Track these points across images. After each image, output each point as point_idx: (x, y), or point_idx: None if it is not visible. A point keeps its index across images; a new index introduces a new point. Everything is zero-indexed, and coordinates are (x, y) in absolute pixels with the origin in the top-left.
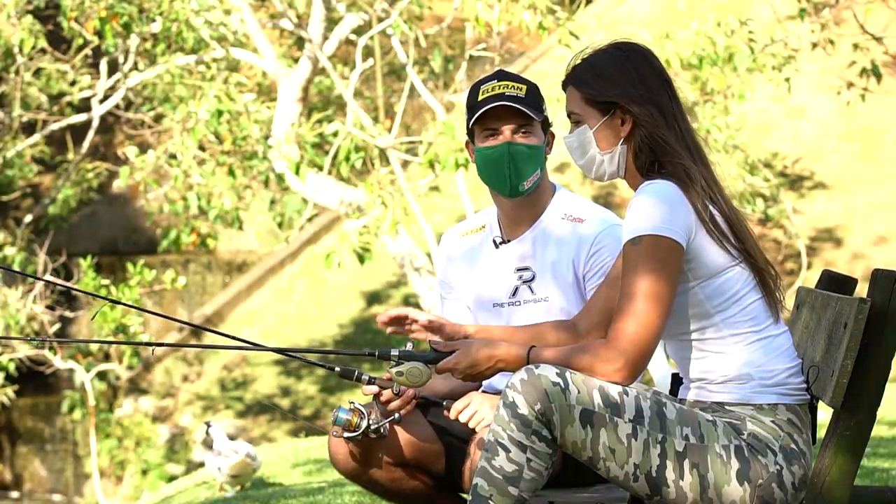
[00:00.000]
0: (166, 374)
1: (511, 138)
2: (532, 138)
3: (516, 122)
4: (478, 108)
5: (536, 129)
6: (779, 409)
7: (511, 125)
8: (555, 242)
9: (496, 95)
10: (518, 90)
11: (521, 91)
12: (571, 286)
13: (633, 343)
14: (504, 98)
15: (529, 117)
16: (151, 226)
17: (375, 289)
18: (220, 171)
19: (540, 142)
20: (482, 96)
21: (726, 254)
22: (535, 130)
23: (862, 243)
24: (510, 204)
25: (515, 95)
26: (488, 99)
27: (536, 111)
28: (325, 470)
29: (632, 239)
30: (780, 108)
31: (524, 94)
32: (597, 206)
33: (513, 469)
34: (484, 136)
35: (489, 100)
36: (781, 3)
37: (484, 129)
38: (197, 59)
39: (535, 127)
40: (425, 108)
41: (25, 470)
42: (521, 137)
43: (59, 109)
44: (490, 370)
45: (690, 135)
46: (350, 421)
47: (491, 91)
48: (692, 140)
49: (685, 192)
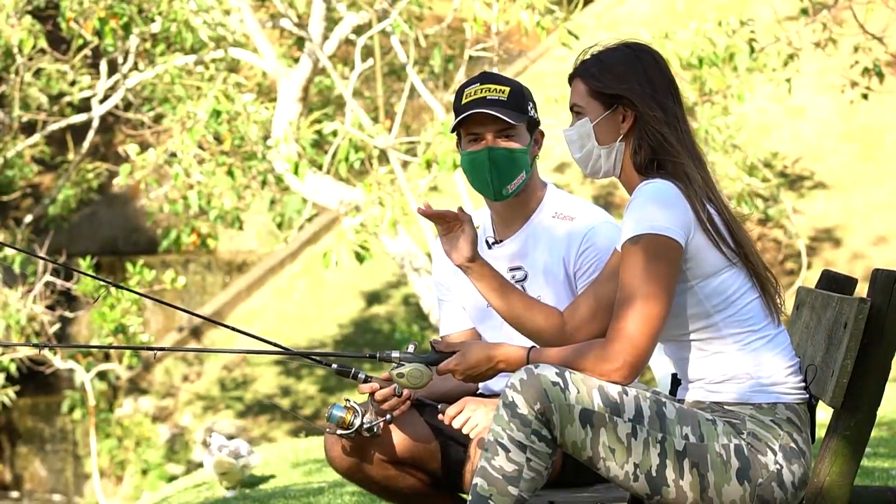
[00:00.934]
0: (166, 374)
1: (493, 142)
2: (514, 142)
3: (498, 126)
4: (460, 112)
5: (520, 131)
6: (778, 408)
7: (492, 130)
8: (546, 241)
9: (477, 100)
10: (500, 93)
11: (503, 94)
12: (563, 285)
13: (632, 343)
14: (485, 103)
15: (510, 122)
16: (152, 226)
17: (375, 289)
18: (220, 171)
19: (524, 144)
20: (465, 100)
21: (724, 254)
22: (517, 133)
23: (862, 243)
24: (500, 205)
25: (497, 99)
26: (470, 104)
27: (518, 114)
28: (325, 470)
29: (631, 238)
30: (780, 108)
31: (507, 97)
32: (588, 204)
33: (512, 469)
34: (467, 140)
35: (470, 105)
36: (781, 3)
37: (467, 134)
38: (196, 59)
39: (518, 129)
40: (425, 109)
41: (25, 470)
42: (502, 141)
43: (59, 109)
44: (491, 371)
45: (690, 137)
46: (344, 419)
47: (473, 95)
48: (692, 142)
49: (684, 191)
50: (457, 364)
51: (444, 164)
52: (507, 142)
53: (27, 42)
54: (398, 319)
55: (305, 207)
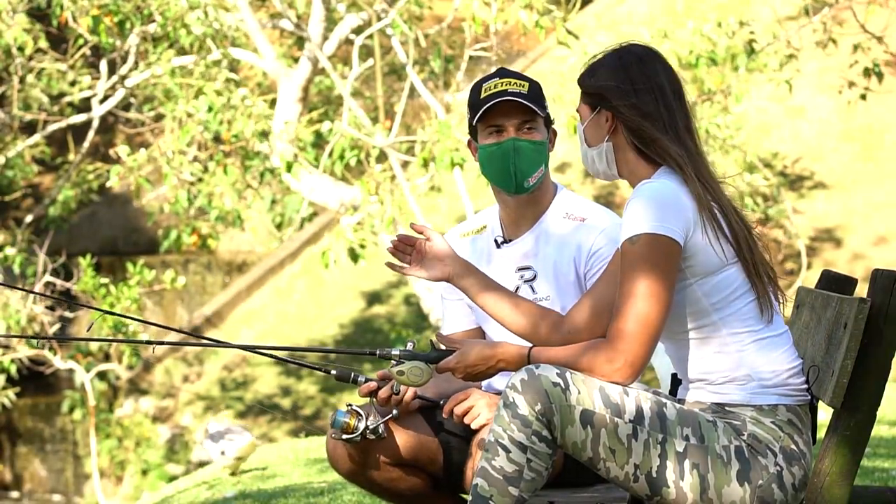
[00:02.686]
0: (166, 374)
1: (515, 134)
2: (536, 134)
3: (520, 118)
4: (481, 105)
5: (540, 125)
6: (779, 409)
7: (515, 121)
8: (556, 242)
9: (499, 92)
10: (521, 87)
11: (523, 88)
12: (573, 285)
13: (632, 343)
14: (507, 94)
15: (533, 112)
16: (152, 226)
17: (375, 289)
18: (220, 170)
19: (543, 138)
20: (485, 94)
21: (724, 252)
22: (538, 127)
23: (862, 243)
24: (513, 202)
25: (518, 92)
26: (492, 96)
27: (539, 107)
28: (325, 470)
29: (629, 238)
30: (780, 107)
31: (527, 91)
32: (598, 206)
33: (513, 469)
34: (487, 133)
35: (492, 97)
36: (782, 2)
37: (488, 126)
38: (196, 59)
39: (539, 123)
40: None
41: (25, 470)
42: (525, 134)
43: (59, 109)
44: (491, 370)
45: (690, 135)
46: (348, 423)
47: (494, 88)
48: (692, 141)
49: (683, 190)
50: (457, 362)
51: (442, 161)
52: (529, 134)
53: (28, 42)
54: (398, 319)
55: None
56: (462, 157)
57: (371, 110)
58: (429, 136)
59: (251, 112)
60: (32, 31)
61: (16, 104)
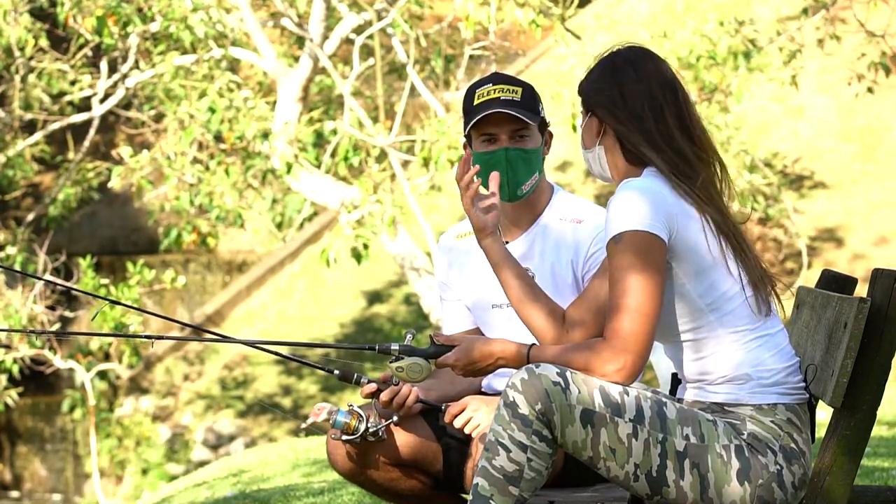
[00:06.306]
0: (167, 373)
1: (508, 143)
2: (528, 142)
3: (512, 126)
4: (474, 113)
5: (533, 131)
6: (778, 408)
7: (507, 130)
8: (553, 243)
9: (491, 101)
10: (513, 94)
11: (516, 94)
12: (570, 287)
13: (629, 341)
14: (499, 103)
15: (526, 122)
16: (152, 225)
17: (375, 289)
18: (220, 170)
19: (536, 145)
20: (478, 101)
21: (715, 251)
22: (531, 134)
23: (862, 243)
24: (509, 206)
25: (511, 100)
26: (483, 104)
27: (532, 114)
28: (325, 470)
29: (613, 237)
30: (779, 107)
31: (520, 97)
32: (596, 207)
33: (513, 469)
34: (480, 141)
35: (484, 105)
36: (782, 2)
37: (480, 135)
38: (196, 59)
39: (532, 129)
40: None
41: (25, 470)
42: (517, 142)
43: (59, 109)
44: (490, 366)
45: (684, 134)
46: (349, 424)
47: (486, 95)
48: (686, 140)
49: (667, 188)
50: (457, 359)
51: (438, 159)
52: (521, 142)
53: (28, 42)
54: (398, 319)
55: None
56: (460, 157)
57: (371, 110)
58: (429, 136)
59: (253, 113)
60: (33, 31)
61: (17, 103)
